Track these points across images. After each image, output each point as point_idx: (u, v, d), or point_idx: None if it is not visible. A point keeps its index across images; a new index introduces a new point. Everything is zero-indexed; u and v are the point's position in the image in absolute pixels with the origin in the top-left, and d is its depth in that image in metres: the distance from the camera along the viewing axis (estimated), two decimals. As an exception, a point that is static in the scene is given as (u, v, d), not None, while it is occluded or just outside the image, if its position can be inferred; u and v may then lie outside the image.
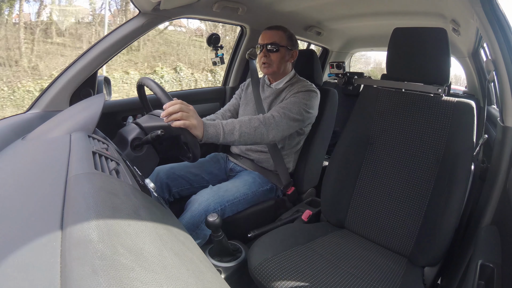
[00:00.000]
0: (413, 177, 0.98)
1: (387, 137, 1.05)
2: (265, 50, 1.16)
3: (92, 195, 0.37)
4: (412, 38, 0.97)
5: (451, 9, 1.27)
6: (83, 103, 0.83)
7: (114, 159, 0.57)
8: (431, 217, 0.90)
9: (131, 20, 1.14)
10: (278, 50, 1.16)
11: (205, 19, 1.44)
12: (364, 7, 1.49)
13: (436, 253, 0.85)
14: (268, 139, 1.01)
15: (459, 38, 1.56)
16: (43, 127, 0.72)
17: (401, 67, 1.01)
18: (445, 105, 0.95)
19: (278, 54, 1.16)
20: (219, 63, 1.51)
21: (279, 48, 1.16)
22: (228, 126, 0.93)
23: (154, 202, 0.53)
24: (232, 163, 1.31)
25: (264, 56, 1.17)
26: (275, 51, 1.16)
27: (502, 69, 0.81)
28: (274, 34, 1.17)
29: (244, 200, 1.11)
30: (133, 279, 0.26)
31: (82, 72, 1.06)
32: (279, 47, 1.16)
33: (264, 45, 1.16)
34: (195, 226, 0.97)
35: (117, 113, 1.27)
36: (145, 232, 0.36)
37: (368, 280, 0.81)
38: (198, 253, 0.49)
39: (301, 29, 1.85)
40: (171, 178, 1.16)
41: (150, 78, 0.90)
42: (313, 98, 1.13)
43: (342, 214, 1.09)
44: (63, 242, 0.28)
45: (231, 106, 1.36)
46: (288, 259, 0.84)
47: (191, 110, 0.84)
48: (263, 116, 1.01)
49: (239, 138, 0.94)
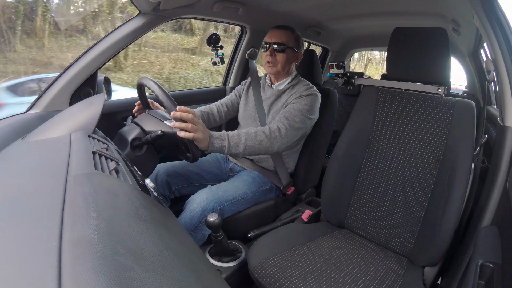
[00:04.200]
0: (413, 177, 0.98)
1: (387, 137, 1.05)
2: (272, 49, 1.14)
3: (92, 195, 0.37)
4: (412, 38, 0.97)
5: (451, 9, 1.27)
6: (83, 103, 0.82)
7: (114, 159, 0.57)
8: (431, 217, 0.90)
9: (131, 20, 1.14)
10: (284, 51, 1.14)
11: (205, 19, 1.44)
12: (364, 7, 1.49)
13: (436, 253, 0.85)
14: (272, 151, 1.02)
15: (459, 38, 1.56)
16: (43, 127, 0.72)
17: (401, 67, 1.01)
18: (445, 105, 0.95)
19: (284, 55, 1.15)
20: (219, 63, 1.51)
21: (286, 49, 1.14)
22: (234, 139, 0.93)
23: (154, 202, 0.53)
24: (232, 163, 1.31)
25: (270, 55, 1.15)
26: (281, 52, 1.14)
27: (502, 69, 0.81)
28: (282, 34, 1.15)
29: (243, 200, 1.11)
30: (133, 279, 0.26)
31: (82, 72, 1.06)
32: (286, 48, 1.14)
33: (271, 44, 1.15)
34: (193, 226, 0.97)
35: (117, 113, 1.27)
36: (145, 232, 0.36)
37: (368, 280, 0.81)
38: (198, 253, 0.49)
39: (301, 29, 1.84)
40: (171, 176, 1.16)
41: (152, 78, 0.90)
42: (315, 103, 1.13)
43: (342, 214, 1.09)
44: (63, 242, 0.28)
45: (229, 101, 1.34)
46: (288, 259, 0.84)
47: (200, 123, 0.84)
48: (269, 129, 1.01)
49: (243, 150, 0.95)
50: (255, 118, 1.25)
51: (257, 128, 1.00)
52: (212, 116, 1.29)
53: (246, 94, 1.33)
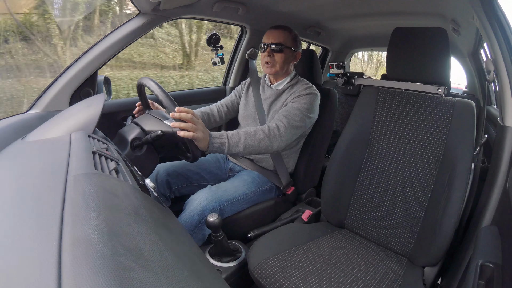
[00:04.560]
0: (413, 177, 0.98)
1: (387, 137, 1.05)
2: (270, 49, 1.15)
3: (92, 195, 0.37)
4: (412, 38, 0.97)
5: (451, 9, 1.27)
6: (83, 103, 0.82)
7: (114, 159, 0.57)
8: (431, 217, 0.90)
9: (131, 20, 1.14)
10: (282, 50, 1.15)
11: (205, 19, 1.44)
12: (364, 7, 1.49)
13: (436, 253, 0.85)
14: (272, 150, 1.02)
15: (459, 38, 1.56)
16: (43, 127, 0.72)
17: (401, 67, 1.01)
18: (445, 105, 0.95)
19: (282, 54, 1.15)
20: (219, 63, 1.51)
21: (284, 49, 1.15)
22: (233, 138, 0.93)
23: (154, 202, 0.53)
24: (232, 162, 1.31)
25: (268, 55, 1.15)
26: (279, 52, 1.15)
27: (502, 69, 0.81)
28: (279, 34, 1.15)
29: (243, 199, 1.11)
30: (133, 279, 0.26)
31: (82, 72, 1.06)
32: (283, 47, 1.14)
33: (268, 45, 1.15)
34: (193, 226, 0.97)
35: (117, 113, 1.27)
36: (145, 232, 0.36)
37: (368, 280, 0.81)
38: (198, 253, 0.49)
39: (301, 29, 1.85)
40: (171, 175, 1.17)
41: (152, 79, 0.90)
42: (314, 101, 1.13)
43: (342, 214, 1.09)
44: (63, 242, 0.28)
45: (229, 101, 1.34)
46: (288, 259, 0.84)
47: (200, 123, 0.84)
48: (268, 127, 1.01)
49: (243, 150, 0.95)
50: (255, 118, 1.25)
51: (256, 127, 1.00)
52: (213, 117, 1.29)
53: (246, 94, 1.33)
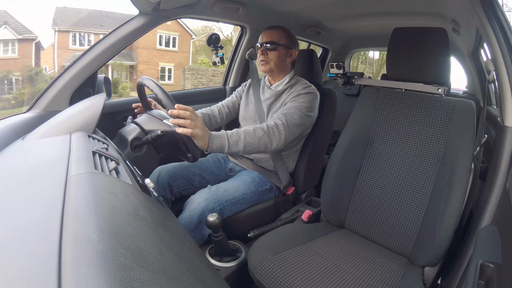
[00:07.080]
0: (413, 177, 0.98)
1: (387, 137, 1.05)
2: (264, 48, 1.18)
3: (92, 195, 0.37)
4: (412, 38, 0.97)
5: (451, 9, 1.27)
6: (83, 103, 0.82)
7: (114, 159, 0.57)
8: (431, 217, 0.90)
9: (131, 20, 1.14)
10: (276, 48, 1.17)
11: (205, 19, 1.44)
12: (364, 7, 1.49)
13: (436, 253, 0.85)
14: (272, 148, 1.02)
15: (459, 38, 1.56)
16: (43, 127, 0.72)
17: (401, 67, 1.01)
18: (445, 105, 0.95)
19: (276, 52, 1.18)
20: (219, 63, 1.51)
21: (277, 46, 1.17)
22: (233, 137, 0.93)
23: (154, 202, 0.53)
24: (232, 163, 1.31)
25: (262, 54, 1.18)
26: (273, 50, 1.17)
27: (502, 69, 0.81)
28: (273, 33, 1.18)
29: (243, 200, 1.11)
30: (133, 279, 0.26)
31: (82, 72, 1.06)
32: (277, 45, 1.17)
33: (262, 44, 1.19)
34: (193, 226, 0.97)
35: (117, 113, 1.27)
36: (145, 232, 0.36)
37: (368, 280, 0.81)
38: (198, 253, 0.49)
39: (301, 29, 1.85)
40: (172, 177, 1.17)
41: (152, 79, 0.90)
42: (313, 100, 1.14)
43: (342, 214, 1.09)
44: (63, 242, 0.28)
45: (230, 102, 1.36)
46: (288, 259, 0.84)
47: (199, 121, 0.84)
48: (267, 125, 1.01)
49: (243, 148, 0.95)
50: (255, 119, 1.25)
51: (255, 126, 1.00)
52: (214, 118, 1.30)
53: (247, 95, 1.33)
